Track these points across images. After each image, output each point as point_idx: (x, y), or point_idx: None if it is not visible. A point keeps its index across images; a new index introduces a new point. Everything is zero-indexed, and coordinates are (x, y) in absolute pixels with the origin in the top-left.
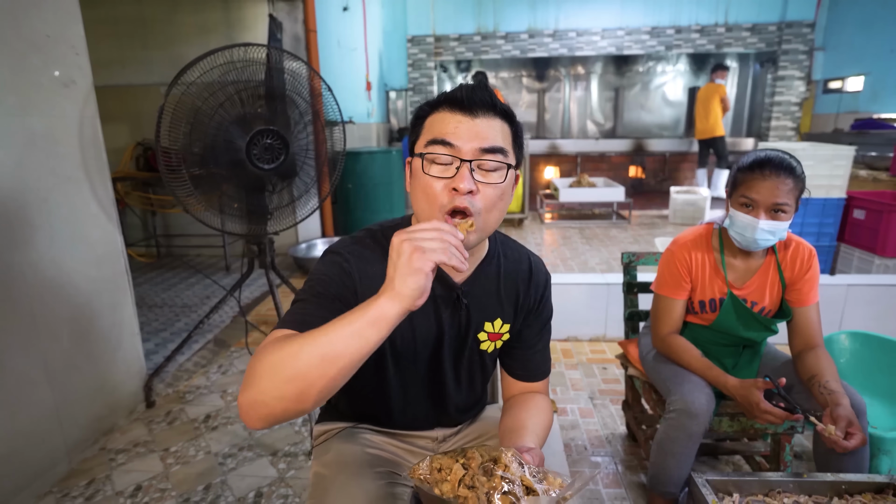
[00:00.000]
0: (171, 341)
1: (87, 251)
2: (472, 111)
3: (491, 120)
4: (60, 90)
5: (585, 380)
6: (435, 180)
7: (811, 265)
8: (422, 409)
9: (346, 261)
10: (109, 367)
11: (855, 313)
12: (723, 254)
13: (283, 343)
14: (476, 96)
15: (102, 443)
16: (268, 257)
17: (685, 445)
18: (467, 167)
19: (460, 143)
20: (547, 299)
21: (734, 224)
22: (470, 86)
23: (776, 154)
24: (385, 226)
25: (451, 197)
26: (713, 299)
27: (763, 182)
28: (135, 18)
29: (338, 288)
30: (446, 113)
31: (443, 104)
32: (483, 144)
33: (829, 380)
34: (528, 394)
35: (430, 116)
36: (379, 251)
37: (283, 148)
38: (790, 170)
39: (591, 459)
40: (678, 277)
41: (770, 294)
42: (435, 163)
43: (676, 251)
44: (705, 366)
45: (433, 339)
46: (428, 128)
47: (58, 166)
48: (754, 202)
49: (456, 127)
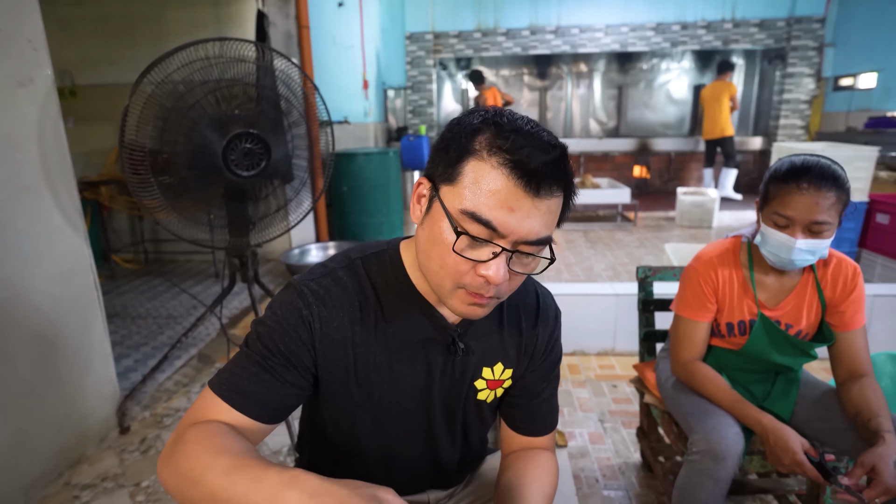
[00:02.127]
0: (152, 357)
1: (49, 267)
2: (539, 192)
3: (552, 202)
4: (16, 90)
5: (594, 399)
6: (463, 260)
7: (856, 285)
8: (409, 470)
9: (308, 306)
10: (77, 392)
11: (881, 327)
12: (752, 270)
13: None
14: (550, 175)
15: (67, 477)
16: (250, 271)
17: (711, 493)
18: (506, 258)
19: (509, 231)
20: (556, 339)
21: (767, 243)
22: (549, 160)
23: (816, 161)
24: (367, 252)
25: (477, 282)
26: (742, 321)
27: (800, 197)
28: (122, 15)
29: (290, 343)
30: (504, 179)
31: (505, 164)
32: (533, 237)
33: (876, 416)
34: (531, 452)
35: (478, 160)
36: (353, 287)
37: (265, 153)
38: (833, 180)
39: (603, 494)
40: (702, 297)
41: (808, 316)
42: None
43: (700, 268)
44: (734, 399)
45: (420, 389)
46: (471, 181)
47: (14, 174)
48: (790, 220)
49: (511, 208)
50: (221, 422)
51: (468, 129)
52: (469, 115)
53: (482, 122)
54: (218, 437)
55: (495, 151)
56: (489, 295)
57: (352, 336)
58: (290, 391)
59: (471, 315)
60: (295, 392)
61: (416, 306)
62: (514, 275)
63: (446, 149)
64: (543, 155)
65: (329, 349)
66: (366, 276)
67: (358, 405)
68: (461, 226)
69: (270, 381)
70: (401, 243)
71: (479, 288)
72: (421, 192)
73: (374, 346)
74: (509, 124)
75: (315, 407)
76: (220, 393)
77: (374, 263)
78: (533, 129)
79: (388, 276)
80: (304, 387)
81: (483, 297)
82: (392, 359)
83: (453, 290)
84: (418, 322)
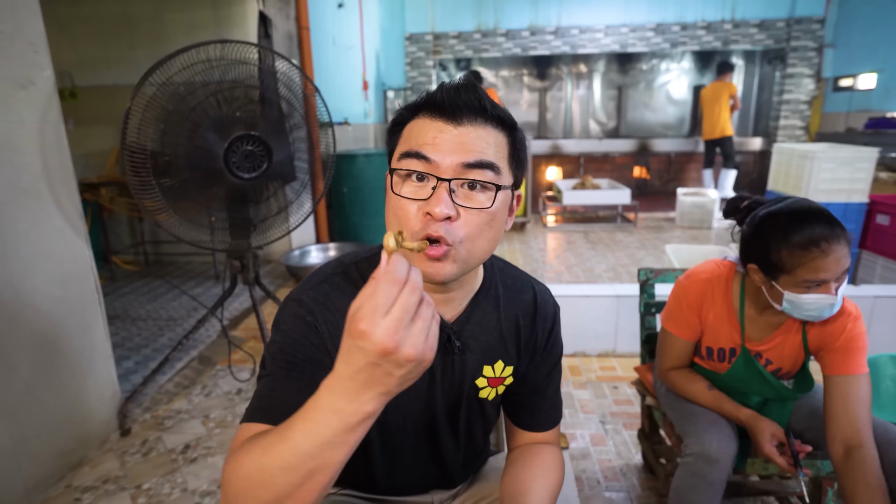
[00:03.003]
0: (152, 359)
1: (50, 269)
2: (456, 117)
3: (480, 128)
4: (17, 92)
5: (595, 401)
6: (408, 202)
7: (845, 327)
8: (413, 471)
9: (311, 313)
10: (78, 395)
11: (882, 329)
12: (742, 303)
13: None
14: (460, 98)
15: (68, 479)
16: (251, 273)
17: (706, 494)
18: (445, 187)
19: (438, 158)
20: (556, 335)
21: (801, 308)
22: (454, 85)
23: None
24: (360, 258)
25: (425, 223)
26: (722, 349)
27: (825, 259)
28: (121, 16)
29: (305, 350)
30: (426, 119)
31: (423, 108)
32: (467, 159)
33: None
34: (536, 447)
35: (410, 123)
36: (349, 291)
37: (266, 155)
38: (841, 227)
39: (604, 496)
40: (685, 317)
41: (791, 355)
42: (409, 180)
43: (689, 287)
44: (715, 399)
45: (423, 391)
46: (405, 137)
47: (14, 177)
48: (824, 281)
49: (435, 137)
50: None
51: (404, 108)
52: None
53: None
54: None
55: (420, 107)
56: (437, 234)
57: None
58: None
59: (435, 274)
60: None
61: None
62: (464, 211)
63: (392, 130)
64: (452, 87)
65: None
66: (361, 279)
67: None
68: (398, 168)
69: (304, 383)
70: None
71: (433, 230)
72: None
73: None
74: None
75: None
76: (254, 419)
77: (367, 267)
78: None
79: None
80: None
81: (438, 246)
82: None
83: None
84: None
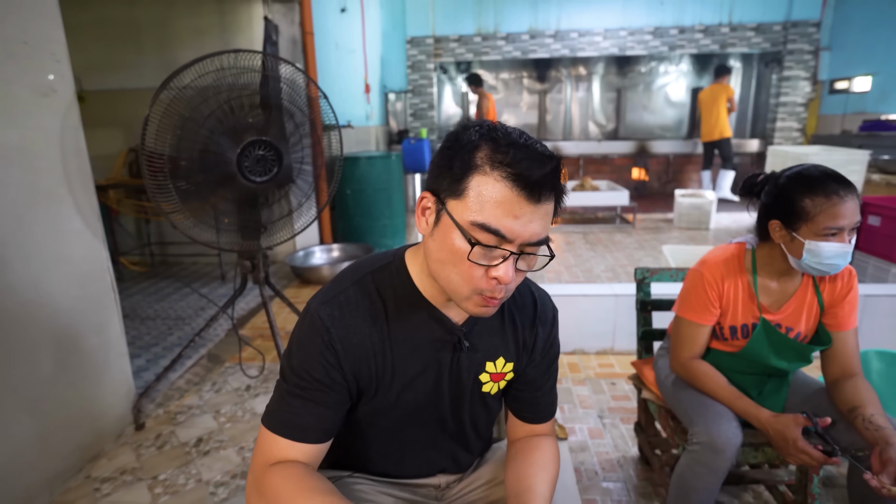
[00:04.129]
0: (162, 356)
1: (69, 270)
2: (536, 196)
3: (549, 206)
4: (39, 100)
5: (594, 397)
6: (477, 266)
7: (852, 285)
8: (423, 458)
9: (327, 331)
10: (95, 390)
11: (872, 326)
12: (755, 276)
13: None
14: (546, 177)
15: (87, 471)
16: (261, 272)
17: (709, 482)
18: (514, 260)
19: (515, 237)
20: (554, 337)
21: (819, 256)
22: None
23: (826, 169)
24: (376, 267)
25: (490, 285)
26: (745, 325)
27: (844, 205)
28: (127, 21)
29: (322, 371)
30: (508, 190)
31: (508, 177)
32: (535, 239)
33: (875, 413)
34: (534, 440)
35: (481, 175)
36: (364, 303)
37: (277, 159)
38: (854, 185)
39: (602, 486)
40: (706, 302)
41: (807, 319)
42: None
43: (707, 274)
44: (733, 395)
45: (432, 385)
46: (477, 194)
47: (36, 181)
48: (841, 228)
49: (516, 216)
50: (294, 460)
51: (468, 145)
52: (465, 130)
53: (479, 138)
54: (303, 480)
55: (497, 166)
56: (500, 296)
57: (370, 347)
58: (335, 410)
59: (483, 314)
60: (340, 409)
61: (423, 311)
62: (519, 273)
63: (449, 165)
64: (541, 166)
65: (353, 363)
66: (375, 290)
67: (379, 404)
68: (473, 237)
69: (316, 409)
70: (406, 252)
71: (492, 291)
72: (425, 205)
73: (389, 352)
74: (504, 139)
75: None
76: (278, 431)
77: (382, 276)
78: (528, 142)
79: (396, 287)
80: (345, 401)
81: (495, 298)
82: (406, 362)
83: (470, 295)
84: (426, 325)
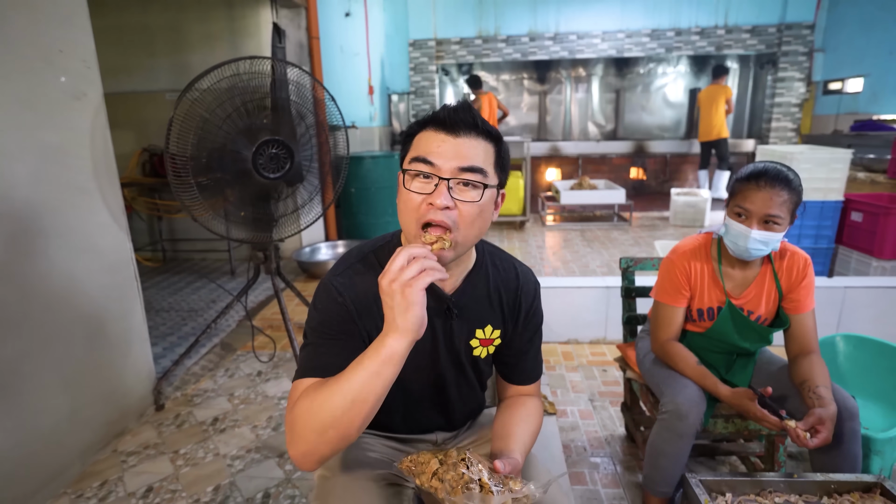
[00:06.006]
0: (178, 345)
1: (98, 259)
2: (455, 131)
3: (473, 140)
4: (73, 103)
5: (585, 382)
6: (415, 195)
7: (806, 273)
8: (424, 416)
9: (340, 294)
10: (121, 371)
11: (853, 315)
12: (720, 263)
13: (313, 395)
14: (458, 116)
15: (114, 445)
16: (273, 263)
17: (677, 445)
18: (445, 185)
19: (440, 162)
20: (537, 307)
21: (728, 232)
22: (453, 106)
23: (773, 166)
24: (377, 246)
25: (428, 210)
26: (711, 308)
27: (757, 193)
28: (140, 26)
29: (339, 325)
30: (431, 132)
31: (429, 123)
32: (462, 164)
33: (820, 385)
34: (521, 397)
35: (419, 134)
36: (371, 275)
37: (288, 157)
38: (786, 182)
39: (590, 460)
40: (677, 286)
41: (767, 303)
42: (416, 179)
43: (676, 260)
44: (700, 374)
45: (429, 348)
46: (415, 145)
47: (70, 178)
48: (748, 212)
49: (438, 146)
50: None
51: (415, 122)
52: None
53: (423, 117)
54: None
55: (427, 122)
56: (438, 219)
57: (377, 310)
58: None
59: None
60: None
61: None
62: (460, 203)
63: (405, 140)
64: (455, 109)
65: (365, 321)
66: (377, 263)
67: None
68: (409, 169)
69: (336, 348)
70: (401, 233)
71: (434, 217)
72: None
73: None
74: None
75: None
76: (305, 374)
77: (382, 253)
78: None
79: None
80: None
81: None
82: None
83: (417, 232)
84: None
